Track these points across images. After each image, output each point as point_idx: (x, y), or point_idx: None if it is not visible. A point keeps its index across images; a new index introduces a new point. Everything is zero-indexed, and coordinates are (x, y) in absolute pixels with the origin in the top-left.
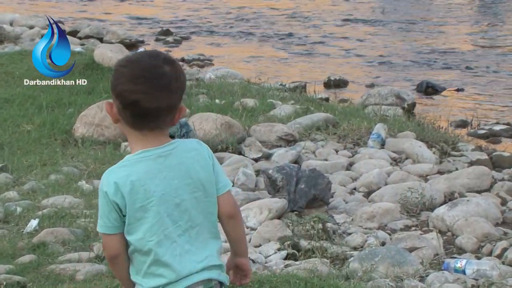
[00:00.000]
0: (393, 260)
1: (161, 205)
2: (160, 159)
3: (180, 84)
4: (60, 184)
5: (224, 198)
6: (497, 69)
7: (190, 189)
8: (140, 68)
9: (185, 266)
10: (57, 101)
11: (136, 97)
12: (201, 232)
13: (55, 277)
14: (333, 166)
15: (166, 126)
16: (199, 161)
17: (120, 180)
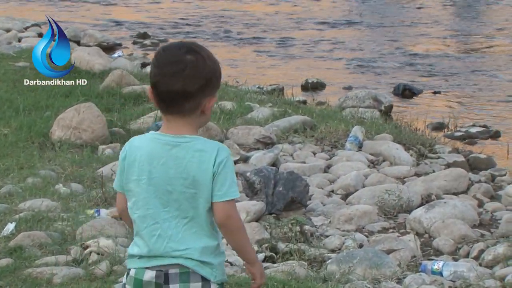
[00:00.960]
0: (371, 262)
1: (150, 186)
2: (167, 146)
3: (198, 73)
4: (37, 187)
5: (217, 206)
6: (474, 72)
7: (184, 183)
8: (164, 55)
9: (159, 247)
10: (34, 104)
11: (154, 79)
12: (192, 226)
13: (32, 280)
14: (311, 169)
15: (189, 115)
16: (200, 163)
17: (130, 149)
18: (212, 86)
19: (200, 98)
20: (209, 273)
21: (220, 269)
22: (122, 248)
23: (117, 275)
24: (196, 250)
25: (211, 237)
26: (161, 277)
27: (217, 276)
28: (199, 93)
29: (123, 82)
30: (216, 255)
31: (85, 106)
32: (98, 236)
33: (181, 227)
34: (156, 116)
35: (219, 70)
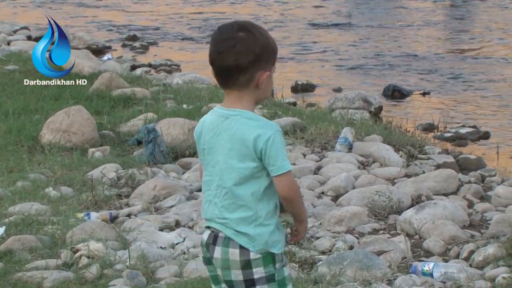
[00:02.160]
0: (361, 264)
1: (208, 155)
2: (221, 118)
3: (249, 49)
4: (27, 191)
5: (276, 180)
6: (463, 73)
7: (228, 154)
8: (218, 33)
9: (209, 212)
10: (24, 107)
11: (211, 56)
12: (230, 196)
13: (22, 284)
14: (301, 170)
15: (244, 88)
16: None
17: (200, 122)
18: (263, 61)
19: (253, 72)
20: (247, 243)
21: (261, 239)
22: (112, 251)
23: (107, 278)
24: (232, 221)
25: (249, 209)
26: (212, 238)
27: (257, 246)
28: (251, 67)
29: (113, 85)
30: (255, 226)
31: (74, 109)
32: (88, 239)
33: (222, 197)
34: (146, 119)
35: (270, 46)
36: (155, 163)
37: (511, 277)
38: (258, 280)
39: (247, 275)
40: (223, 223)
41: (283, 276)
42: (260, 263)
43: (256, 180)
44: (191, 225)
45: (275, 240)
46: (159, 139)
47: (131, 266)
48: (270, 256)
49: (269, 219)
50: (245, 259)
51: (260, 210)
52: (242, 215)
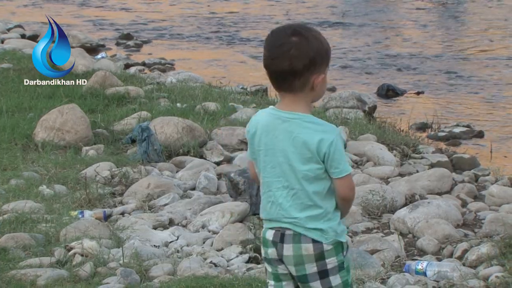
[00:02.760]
0: (355, 263)
1: (266, 156)
2: (278, 120)
3: (302, 53)
4: (20, 189)
5: (337, 183)
6: (457, 72)
7: (291, 157)
8: (272, 38)
9: (273, 213)
10: (18, 105)
11: (265, 61)
12: (298, 197)
13: (16, 282)
14: None
15: (299, 91)
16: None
17: (253, 122)
18: (317, 64)
19: (308, 75)
20: (319, 236)
21: (332, 231)
22: (106, 249)
23: (101, 276)
24: (302, 220)
25: (316, 207)
26: (278, 237)
27: (329, 238)
28: (306, 71)
29: (107, 83)
30: (325, 221)
31: (68, 108)
32: (82, 237)
33: (289, 198)
34: (140, 117)
35: (324, 49)
36: (149, 162)
37: (504, 276)
38: (331, 270)
39: (321, 266)
40: (292, 222)
41: (348, 262)
42: (333, 253)
43: (321, 180)
44: (185, 224)
45: (342, 230)
46: (153, 137)
47: (124, 264)
48: (340, 245)
49: (336, 213)
50: (319, 252)
51: (328, 207)
52: (311, 213)
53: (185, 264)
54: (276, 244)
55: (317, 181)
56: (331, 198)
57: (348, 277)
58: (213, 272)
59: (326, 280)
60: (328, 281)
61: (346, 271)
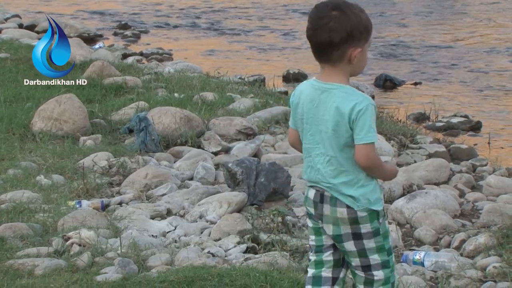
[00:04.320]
0: None
1: (307, 124)
2: (318, 91)
3: (341, 26)
4: (18, 179)
5: (357, 148)
6: (455, 63)
7: (327, 125)
8: (315, 12)
9: (312, 177)
10: (15, 95)
11: (307, 32)
12: (332, 163)
13: (13, 272)
14: (293, 160)
15: (337, 63)
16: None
17: (296, 92)
18: (355, 38)
19: (345, 48)
20: (352, 203)
21: (364, 199)
22: (103, 239)
23: (99, 266)
24: (336, 185)
25: (349, 173)
26: (318, 196)
27: (360, 206)
28: (343, 43)
29: (104, 73)
30: (357, 187)
31: (66, 97)
32: (80, 227)
33: (325, 164)
34: (137, 107)
35: (363, 24)
36: (147, 152)
37: (502, 266)
38: (365, 234)
39: (355, 229)
40: (328, 187)
41: (386, 229)
42: (367, 220)
43: (351, 148)
44: (182, 214)
45: (376, 198)
46: (151, 127)
47: (122, 254)
48: (374, 213)
49: (369, 180)
50: (353, 217)
51: (359, 173)
52: (344, 179)
53: (183, 254)
54: (316, 204)
55: (350, 148)
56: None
57: (384, 243)
58: (211, 262)
59: (359, 242)
60: (362, 243)
61: (382, 237)
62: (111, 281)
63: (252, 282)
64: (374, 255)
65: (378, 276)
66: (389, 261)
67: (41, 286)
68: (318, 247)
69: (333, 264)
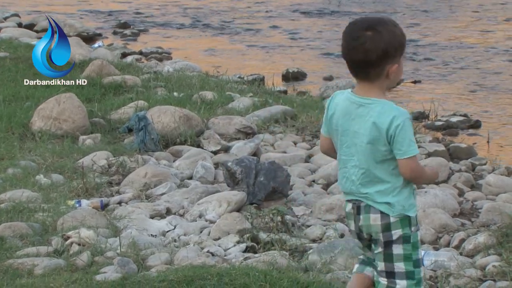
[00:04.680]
0: (352, 252)
1: (342, 136)
2: (355, 105)
3: (376, 46)
4: (17, 178)
5: (400, 163)
6: (454, 62)
7: (363, 139)
8: (348, 32)
9: (347, 187)
10: (15, 94)
11: (343, 52)
12: (368, 175)
13: (13, 271)
14: (292, 159)
15: (374, 79)
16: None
17: (332, 103)
18: (391, 55)
19: (383, 65)
20: (387, 209)
21: (399, 205)
22: (103, 239)
23: (98, 265)
24: (371, 194)
25: (386, 183)
26: (355, 209)
27: (395, 212)
28: (380, 61)
29: (104, 72)
30: (394, 195)
31: (65, 97)
32: (79, 227)
33: (359, 176)
34: (137, 107)
35: (397, 41)
36: (146, 151)
37: (501, 265)
38: (396, 240)
39: (386, 236)
40: (363, 196)
41: (416, 239)
42: (399, 225)
43: (388, 160)
44: (182, 213)
45: (410, 204)
46: (150, 126)
47: (122, 254)
48: (406, 220)
49: (405, 187)
50: (385, 223)
51: (396, 182)
52: (380, 188)
53: (182, 254)
54: (355, 217)
55: (383, 161)
56: (400, 175)
57: (412, 253)
58: (210, 262)
59: (389, 248)
60: (390, 249)
61: (411, 246)
62: (111, 280)
63: (252, 282)
64: (400, 263)
65: (400, 285)
66: (414, 273)
67: (40, 285)
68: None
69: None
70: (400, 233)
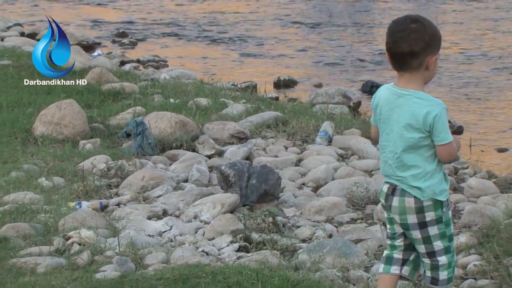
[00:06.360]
0: (340, 252)
1: (384, 124)
2: (395, 96)
3: (420, 37)
4: (20, 181)
5: (438, 149)
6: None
7: (400, 126)
8: (394, 25)
9: (386, 170)
10: (17, 101)
11: (388, 45)
12: (402, 160)
13: (16, 270)
14: (283, 162)
15: (415, 71)
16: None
17: (377, 95)
18: (432, 46)
19: (424, 56)
20: (418, 194)
21: (430, 190)
22: (102, 238)
23: (98, 264)
24: (405, 178)
25: (418, 168)
26: (390, 190)
27: (426, 196)
28: (422, 52)
29: (103, 80)
30: (425, 180)
31: (66, 103)
32: (80, 227)
33: (395, 160)
34: (135, 112)
35: (438, 34)
36: (143, 155)
37: (482, 264)
38: (429, 222)
39: (420, 218)
40: (399, 179)
41: (448, 217)
42: (432, 208)
43: (421, 147)
44: (178, 214)
45: (441, 190)
46: (147, 131)
47: (120, 253)
48: (439, 203)
49: (435, 173)
50: (419, 206)
51: (427, 167)
52: (413, 173)
53: (178, 253)
54: (388, 196)
55: (418, 146)
56: (432, 161)
57: (446, 230)
58: (205, 261)
59: (424, 230)
60: (426, 231)
61: (444, 225)
62: (110, 278)
63: (244, 280)
64: (438, 242)
65: (442, 261)
66: (450, 247)
67: (43, 283)
68: (392, 234)
69: (404, 248)
70: (433, 215)
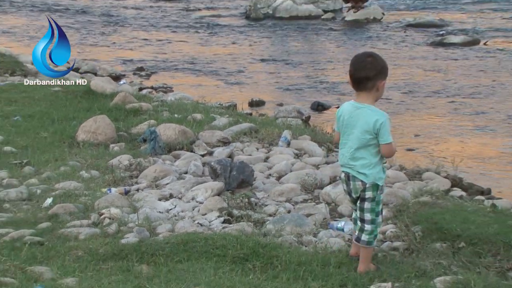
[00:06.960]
0: (296, 223)
1: (345, 128)
2: (354, 108)
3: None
4: (67, 173)
5: (382, 147)
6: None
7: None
8: (355, 59)
9: (342, 160)
10: (65, 116)
11: (350, 72)
12: (355, 153)
13: (64, 237)
14: (255, 159)
15: (369, 91)
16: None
17: (341, 108)
18: (382, 74)
19: (376, 80)
20: (364, 178)
21: (372, 176)
22: (126, 214)
23: (123, 233)
24: (355, 166)
25: (365, 159)
26: (347, 177)
27: (369, 180)
28: (375, 77)
29: (126, 101)
30: (370, 169)
31: (100, 117)
32: (110, 206)
33: (350, 153)
34: (149, 124)
35: (385, 66)
36: (156, 155)
37: (396, 231)
38: (367, 198)
39: (363, 195)
40: (350, 167)
41: (379, 199)
42: (371, 189)
43: (370, 145)
44: (180, 197)
45: (380, 177)
46: (158, 138)
47: (139, 225)
48: (376, 186)
49: (377, 165)
50: (364, 187)
51: (372, 160)
52: (362, 163)
53: (180, 224)
54: (346, 182)
55: (367, 145)
56: (376, 156)
57: (376, 207)
58: (200, 230)
59: (363, 203)
60: (364, 204)
61: (375, 203)
62: (131, 243)
63: (228, 243)
64: (368, 214)
65: (367, 228)
66: (376, 220)
67: (83, 247)
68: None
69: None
70: (371, 195)
